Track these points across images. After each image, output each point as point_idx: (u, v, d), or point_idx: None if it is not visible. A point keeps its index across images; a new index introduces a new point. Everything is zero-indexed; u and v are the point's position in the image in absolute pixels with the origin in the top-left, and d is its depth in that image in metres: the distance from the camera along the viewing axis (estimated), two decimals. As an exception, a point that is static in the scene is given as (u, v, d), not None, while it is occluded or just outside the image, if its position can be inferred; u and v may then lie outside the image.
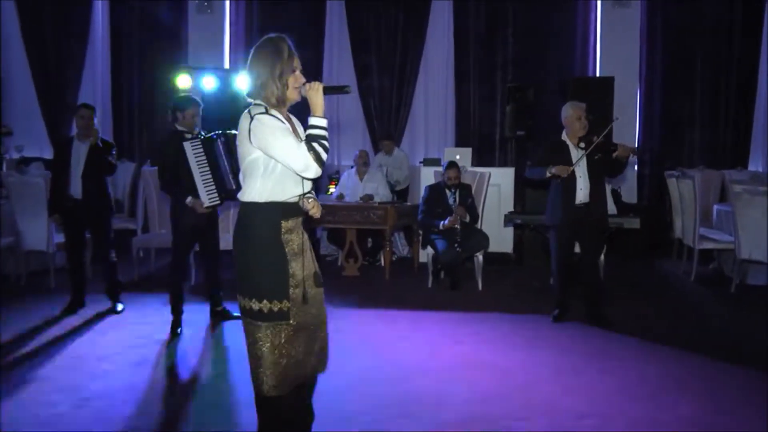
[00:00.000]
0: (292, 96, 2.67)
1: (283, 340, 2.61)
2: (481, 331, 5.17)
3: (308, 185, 2.71)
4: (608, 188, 6.06)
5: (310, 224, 2.89)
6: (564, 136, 5.32)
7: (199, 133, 5.07)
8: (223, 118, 8.40)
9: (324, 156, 2.61)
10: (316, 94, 2.63)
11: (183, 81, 8.51)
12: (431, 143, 9.72)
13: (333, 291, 6.35)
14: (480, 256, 6.60)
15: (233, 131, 4.92)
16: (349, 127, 9.54)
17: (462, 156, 7.81)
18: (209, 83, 8.48)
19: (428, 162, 8.32)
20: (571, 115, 5.24)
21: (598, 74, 9.13)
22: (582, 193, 5.19)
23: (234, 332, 5.12)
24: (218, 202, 4.98)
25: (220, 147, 4.87)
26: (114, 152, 5.66)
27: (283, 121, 2.63)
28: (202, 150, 4.90)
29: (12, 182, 6.51)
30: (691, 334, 5.15)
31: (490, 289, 6.61)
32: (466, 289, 6.55)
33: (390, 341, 4.90)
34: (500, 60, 9.45)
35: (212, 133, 4.95)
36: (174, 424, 3.50)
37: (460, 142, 9.38)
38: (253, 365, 2.65)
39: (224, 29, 9.65)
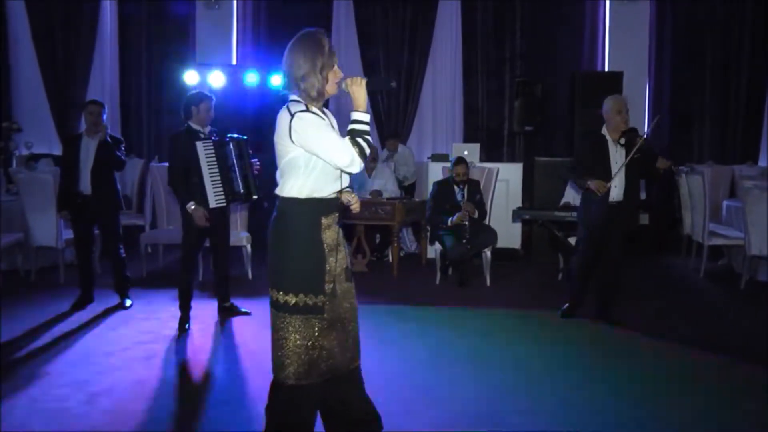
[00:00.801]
0: (331, 90, 2.66)
1: (316, 333, 2.62)
2: (488, 327, 5.16)
3: (346, 180, 2.70)
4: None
5: (345, 218, 2.88)
6: (604, 131, 5.11)
7: (212, 132, 5.12)
8: (231, 113, 8.45)
9: (367, 151, 2.61)
10: (359, 88, 2.64)
11: (191, 77, 8.53)
12: (439, 139, 9.70)
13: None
14: (488, 252, 6.58)
15: (243, 137, 5.09)
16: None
17: (470, 151, 7.79)
18: (217, 79, 8.49)
19: (436, 158, 8.30)
20: (612, 108, 5.03)
21: (606, 69, 9.07)
22: (616, 191, 5.01)
23: (242, 328, 5.14)
24: (224, 203, 5.05)
25: (232, 150, 5.02)
26: (123, 148, 5.68)
27: (323, 117, 2.63)
28: (213, 151, 4.99)
29: (21, 178, 6.54)
30: (699, 330, 5.12)
31: (498, 285, 6.60)
32: (474, 285, 6.54)
33: (397, 337, 4.89)
34: (508, 55, 9.41)
35: (225, 136, 5.09)
36: (183, 420, 3.50)
37: (468, 138, 9.36)
38: (278, 355, 2.63)
39: (232, 25, 9.65)
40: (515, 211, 6.75)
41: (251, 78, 8.52)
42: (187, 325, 5.08)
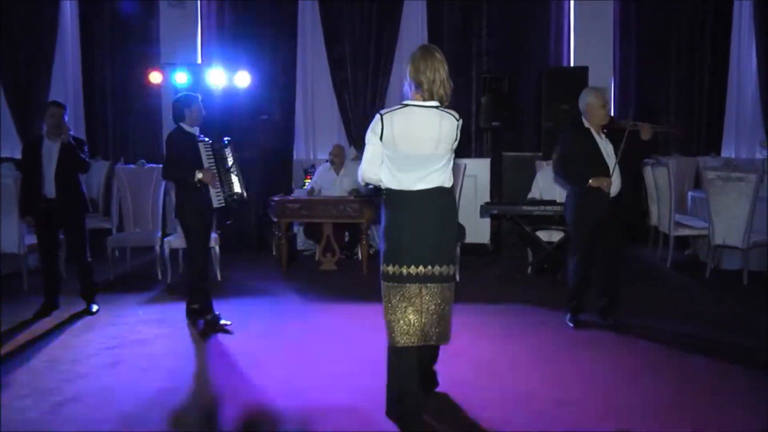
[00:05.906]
0: None
1: None
2: (458, 322, 5.13)
3: None
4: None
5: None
6: (586, 124, 4.86)
7: (199, 134, 5.22)
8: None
9: None
10: None
11: (155, 77, 8.42)
12: (408, 135, 9.66)
13: (310, 286, 6.35)
14: (457, 248, 6.60)
15: (227, 138, 5.27)
16: (323, 120, 9.45)
17: (438, 148, 7.77)
18: (182, 78, 8.39)
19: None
20: (594, 102, 4.79)
21: (572, 64, 9.15)
22: (614, 186, 4.76)
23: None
24: (223, 204, 5.14)
25: (231, 152, 5.23)
26: (86, 149, 5.59)
27: None
28: (212, 152, 5.12)
29: (-19, 183, 6.38)
30: (667, 320, 5.19)
31: (468, 280, 6.63)
32: (445, 281, 6.54)
33: (369, 334, 4.87)
34: (475, 51, 9.42)
35: (224, 139, 5.25)
36: (150, 426, 3.45)
37: (435, 134, 9.33)
38: (443, 322, 3.48)
39: (196, 24, 9.52)
40: (483, 207, 6.76)
41: (216, 77, 8.41)
42: (219, 319, 5.14)
